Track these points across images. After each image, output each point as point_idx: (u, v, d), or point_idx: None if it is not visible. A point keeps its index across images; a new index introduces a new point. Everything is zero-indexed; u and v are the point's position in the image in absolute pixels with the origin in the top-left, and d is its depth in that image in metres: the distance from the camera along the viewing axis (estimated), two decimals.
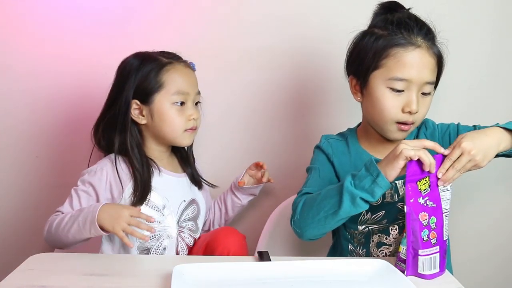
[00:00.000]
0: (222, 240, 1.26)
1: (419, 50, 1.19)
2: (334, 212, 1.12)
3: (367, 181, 1.08)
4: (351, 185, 1.10)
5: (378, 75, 1.21)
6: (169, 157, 1.41)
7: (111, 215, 1.15)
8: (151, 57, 1.32)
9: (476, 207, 1.71)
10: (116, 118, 1.31)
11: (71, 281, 1.01)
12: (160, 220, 1.31)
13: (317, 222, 1.15)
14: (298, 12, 1.63)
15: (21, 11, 1.60)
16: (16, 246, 1.69)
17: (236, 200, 1.52)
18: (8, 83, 1.63)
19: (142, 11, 1.62)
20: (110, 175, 1.30)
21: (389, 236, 1.25)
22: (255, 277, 1.01)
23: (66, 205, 1.28)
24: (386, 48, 1.20)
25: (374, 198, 1.09)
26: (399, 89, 1.19)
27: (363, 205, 1.10)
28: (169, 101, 1.30)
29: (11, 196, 1.68)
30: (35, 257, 1.12)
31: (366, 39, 1.24)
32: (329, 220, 1.14)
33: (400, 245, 1.07)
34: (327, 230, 1.20)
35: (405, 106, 1.20)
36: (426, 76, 1.19)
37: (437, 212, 1.05)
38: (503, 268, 1.75)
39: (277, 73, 1.64)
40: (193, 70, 1.37)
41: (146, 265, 1.14)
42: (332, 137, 1.36)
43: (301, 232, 1.19)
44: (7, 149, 1.66)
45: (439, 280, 1.05)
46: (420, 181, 1.04)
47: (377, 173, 1.07)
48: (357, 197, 1.09)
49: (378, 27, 1.24)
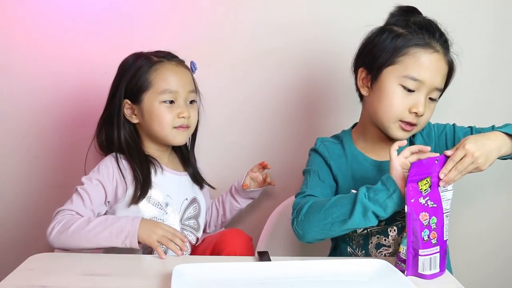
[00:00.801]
0: (230, 241, 1.26)
1: (436, 55, 1.20)
2: (343, 221, 1.13)
3: (382, 196, 1.09)
4: (365, 197, 1.11)
5: (393, 71, 1.21)
6: (169, 156, 1.41)
7: (149, 226, 1.18)
8: (143, 56, 1.34)
9: (476, 208, 1.71)
10: (112, 117, 1.33)
11: (71, 281, 1.01)
12: (163, 218, 1.31)
13: (323, 227, 1.15)
14: (300, 12, 1.62)
15: (20, 12, 1.60)
16: (16, 246, 1.69)
17: (235, 204, 1.52)
18: (8, 83, 1.63)
19: (142, 11, 1.62)
20: (116, 173, 1.30)
21: (388, 238, 1.25)
22: (255, 277, 1.01)
23: (78, 204, 1.24)
24: (405, 46, 1.20)
25: (386, 213, 1.10)
26: (411, 88, 1.20)
27: (373, 219, 1.11)
28: (158, 100, 1.30)
29: (11, 196, 1.68)
30: (35, 257, 1.12)
31: (385, 35, 1.24)
32: (335, 227, 1.14)
33: (400, 245, 1.07)
34: (330, 236, 1.20)
35: (412, 106, 1.20)
36: (437, 81, 1.21)
37: (437, 212, 1.05)
38: (503, 268, 1.75)
39: (280, 74, 1.64)
40: (187, 69, 1.36)
41: (146, 265, 1.14)
42: (327, 139, 1.36)
43: (302, 234, 1.18)
44: (7, 149, 1.66)
45: (439, 280, 1.05)
46: (421, 181, 1.04)
47: (394, 189, 1.08)
48: (370, 210, 1.10)
49: (399, 26, 1.24)
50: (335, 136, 1.38)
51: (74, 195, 1.27)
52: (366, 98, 1.29)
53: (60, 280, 1.01)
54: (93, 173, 1.30)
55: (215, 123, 1.60)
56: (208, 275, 1.01)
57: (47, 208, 1.65)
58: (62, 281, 1.00)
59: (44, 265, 1.09)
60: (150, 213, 1.30)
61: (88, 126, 1.40)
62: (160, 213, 1.31)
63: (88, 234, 1.17)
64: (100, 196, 1.28)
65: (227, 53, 1.63)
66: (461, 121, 1.33)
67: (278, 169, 1.62)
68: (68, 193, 1.29)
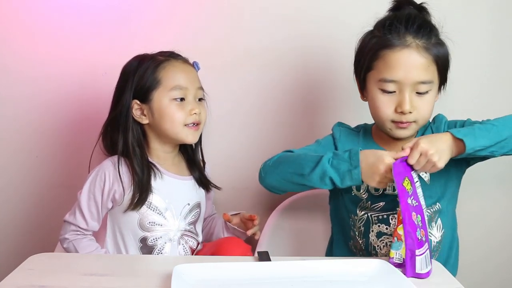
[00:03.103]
0: (228, 251, 1.26)
1: (406, 50, 1.19)
2: (301, 175, 1.17)
3: (344, 166, 1.12)
4: (328, 162, 1.14)
5: (371, 77, 1.24)
6: (174, 158, 1.39)
7: None
8: (148, 57, 1.33)
9: (476, 208, 1.71)
10: (119, 120, 1.32)
11: (71, 281, 1.01)
12: (162, 223, 1.31)
13: (283, 176, 1.21)
14: (302, 9, 1.62)
15: (20, 12, 1.60)
16: (16, 246, 1.69)
17: (222, 234, 1.47)
18: (7, 83, 1.63)
19: (142, 11, 1.62)
20: (112, 177, 1.29)
21: (389, 226, 1.25)
22: (255, 277, 1.01)
23: (79, 217, 1.30)
24: (377, 50, 1.22)
25: (342, 184, 1.13)
26: (390, 90, 1.21)
27: (329, 184, 1.14)
28: (168, 97, 1.30)
29: (11, 196, 1.68)
30: (35, 257, 1.12)
31: (366, 40, 1.26)
32: (293, 179, 1.19)
33: (391, 250, 1.07)
34: (285, 187, 1.26)
35: (397, 106, 1.21)
36: (416, 76, 1.19)
37: (419, 209, 1.07)
38: (503, 268, 1.75)
39: (282, 71, 1.64)
40: (192, 67, 1.36)
41: (146, 265, 1.14)
42: (345, 126, 1.38)
43: (264, 176, 1.26)
44: (7, 149, 1.66)
45: (439, 280, 1.05)
46: (404, 182, 1.04)
47: (356, 165, 1.10)
48: (327, 176, 1.13)
49: (376, 28, 1.25)
50: (356, 126, 1.40)
51: (76, 207, 1.30)
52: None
53: (60, 280, 1.01)
54: (90, 185, 1.30)
55: (219, 121, 1.60)
56: (208, 275, 1.01)
57: (47, 208, 1.66)
58: (62, 281, 1.00)
59: (44, 265, 1.09)
60: (150, 218, 1.30)
61: (88, 126, 1.40)
62: (159, 218, 1.31)
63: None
64: (96, 209, 1.30)
65: (227, 52, 1.63)
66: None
67: None
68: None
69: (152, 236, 1.30)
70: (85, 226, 1.30)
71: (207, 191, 1.44)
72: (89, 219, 1.30)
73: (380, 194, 1.26)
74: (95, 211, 1.30)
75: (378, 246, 1.26)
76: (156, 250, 1.31)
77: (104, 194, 1.29)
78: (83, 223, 1.30)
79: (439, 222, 1.27)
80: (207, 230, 1.50)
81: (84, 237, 1.30)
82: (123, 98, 1.31)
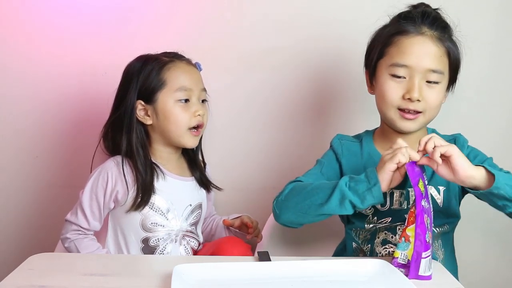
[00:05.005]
0: (228, 250, 1.25)
1: (420, 37, 1.19)
2: (320, 205, 1.13)
3: (362, 186, 1.09)
4: (345, 186, 1.11)
5: (383, 64, 1.23)
6: (178, 159, 1.39)
7: None
8: (152, 57, 1.33)
9: (476, 208, 1.71)
10: (122, 120, 1.31)
11: (71, 281, 1.01)
12: (164, 224, 1.31)
13: (299, 209, 1.16)
14: (307, 9, 1.62)
15: (20, 12, 1.60)
16: (16, 246, 1.69)
17: (224, 233, 1.48)
18: (7, 83, 1.63)
19: (142, 11, 1.62)
20: (115, 177, 1.29)
21: (395, 236, 1.24)
22: (255, 277, 1.01)
23: (81, 217, 1.30)
24: (389, 36, 1.22)
25: (363, 205, 1.10)
26: (400, 75, 1.20)
27: (349, 208, 1.11)
28: (173, 98, 1.30)
29: (11, 196, 1.68)
30: (35, 257, 1.12)
31: (380, 31, 1.27)
32: (311, 210, 1.15)
33: (396, 250, 1.06)
34: (305, 221, 1.21)
35: (405, 92, 1.19)
36: (428, 63, 1.19)
37: (430, 212, 1.06)
38: (503, 268, 1.75)
39: (283, 73, 1.64)
40: (196, 68, 1.36)
41: (146, 265, 1.14)
42: (346, 137, 1.36)
43: (279, 213, 1.20)
44: (7, 149, 1.66)
45: (439, 281, 1.05)
46: (419, 183, 1.04)
47: (375, 182, 1.08)
48: (347, 199, 1.10)
49: (392, 20, 1.26)
50: (356, 135, 1.38)
51: (78, 208, 1.30)
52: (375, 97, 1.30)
53: (60, 280, 1.01)
54: (91, 185, 1.30)
55: (223, 124, 1.60)
56: (208, 275, 1.01)
57: (47, 209, 1.66)
58: (62, 281, 1.00)
59: (44, 265, 1.09)
60: (152, 219, 1.30)
61: (88, 126, 1.40)
62: (161, 219, 1.31)
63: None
64: (98, 209, 1.30)
65: (231, 52, 1.63)
66: (461, 123, 1.33)
67: (283, 169, 1.62)
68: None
69: (154, 237, 1.30)
70: (87, 226, 1.30)
71: (208, 191, 1.44)
72: (91, 219, 1.30)
73: (387, 209, 1.24)
74: (97, 211, 1.30)
75: (380, 253, 1.25)
76: (158, 250, 1.31)
77: (106, 195, 1.29)
78: (85, 223, 1.30)
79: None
80: (208, 231, 1.50)
81: (85, 237, 1.31)
82: (127, 99, 1.31)
